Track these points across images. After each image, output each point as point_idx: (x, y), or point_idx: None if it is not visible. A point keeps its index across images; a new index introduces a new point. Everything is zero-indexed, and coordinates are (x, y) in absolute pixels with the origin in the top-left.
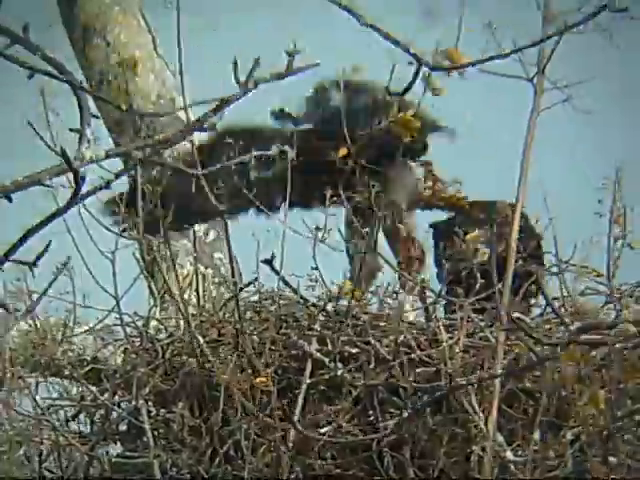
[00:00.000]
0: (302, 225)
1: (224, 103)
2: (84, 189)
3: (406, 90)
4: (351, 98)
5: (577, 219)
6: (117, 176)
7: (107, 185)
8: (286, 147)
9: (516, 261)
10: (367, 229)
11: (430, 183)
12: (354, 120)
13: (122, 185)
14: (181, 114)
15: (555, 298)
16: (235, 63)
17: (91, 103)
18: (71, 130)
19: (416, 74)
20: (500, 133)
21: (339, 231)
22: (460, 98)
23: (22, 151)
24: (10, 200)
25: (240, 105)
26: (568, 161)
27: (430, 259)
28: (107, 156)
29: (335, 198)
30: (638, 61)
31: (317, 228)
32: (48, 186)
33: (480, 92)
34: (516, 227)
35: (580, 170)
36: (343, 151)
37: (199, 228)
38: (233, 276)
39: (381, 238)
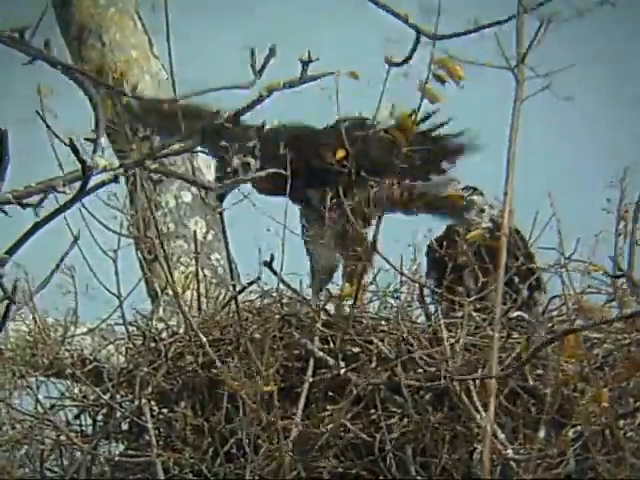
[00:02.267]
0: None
1: (238, 113)
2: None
3: (406, 60)
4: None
5: (582, 216)
6: (126, 170)
7: (115, 179)
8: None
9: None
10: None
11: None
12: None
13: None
14: None
15: (557, 296)
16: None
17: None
18: (86, 139)
19: (415, 44)
20: (489, 125)
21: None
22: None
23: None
24: (23, 207)
25: None
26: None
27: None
28: (121, 166)
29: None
30: (622, 47)
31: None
32: (62, 192)
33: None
34: (506, 222)
35: (584, 168)
36: (341, 153)
37: (198, 227)
38: (232, 278)
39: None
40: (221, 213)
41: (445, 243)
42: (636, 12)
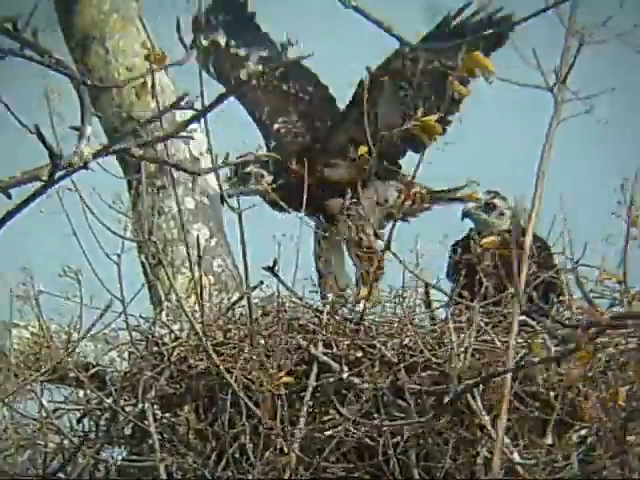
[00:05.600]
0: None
1: (219, 99)
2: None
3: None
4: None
5: (592, 221)
6: (94, 156)
7: (85, 165)
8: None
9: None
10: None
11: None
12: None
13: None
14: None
15: (561, 300)
16: None
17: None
18: (71, 128)
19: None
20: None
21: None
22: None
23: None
24: (9, 196)
25: None
26: (585, 166)
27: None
28: (105, 150)
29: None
30: None
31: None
32: (46, 182)
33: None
34: (530, 234)
35: (597, 175)
36: (363, 149)
37: (202, 234)
38: (247, 277)
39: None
40: (240, 214)
41: (465, 247)
42: None
